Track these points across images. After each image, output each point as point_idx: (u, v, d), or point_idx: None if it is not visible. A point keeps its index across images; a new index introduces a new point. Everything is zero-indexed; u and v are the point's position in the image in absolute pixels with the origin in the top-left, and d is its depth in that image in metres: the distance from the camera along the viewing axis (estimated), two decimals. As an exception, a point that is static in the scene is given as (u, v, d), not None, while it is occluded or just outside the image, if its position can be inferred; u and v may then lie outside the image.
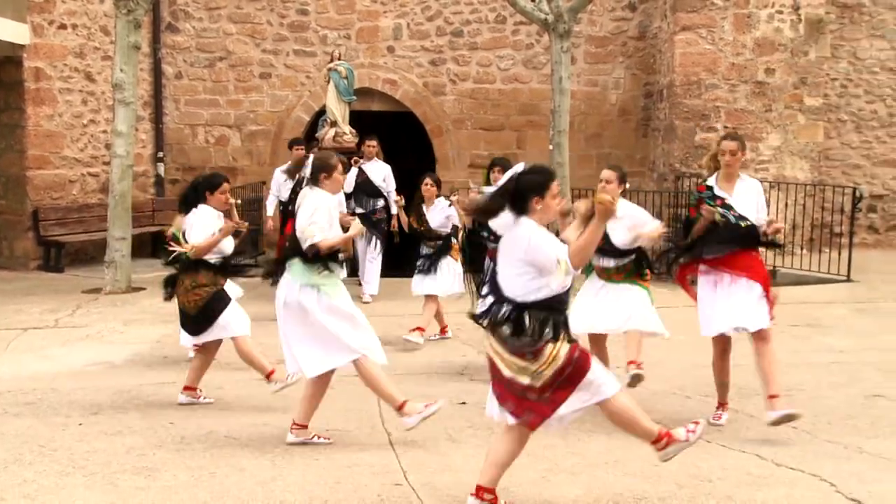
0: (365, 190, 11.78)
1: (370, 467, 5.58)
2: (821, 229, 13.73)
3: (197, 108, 16.70)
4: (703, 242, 6.42)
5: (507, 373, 4.60)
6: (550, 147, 13.19)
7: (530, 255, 4.57)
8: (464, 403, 7.04)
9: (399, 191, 11.43)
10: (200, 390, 7.17)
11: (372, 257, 11.68)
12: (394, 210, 11.79)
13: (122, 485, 5.29)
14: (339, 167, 6.18)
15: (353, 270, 11.33)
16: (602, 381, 4.66)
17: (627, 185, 7.01)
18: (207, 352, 7.15)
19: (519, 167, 4.75)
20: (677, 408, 6.90)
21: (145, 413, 6.81)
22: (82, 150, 15.13)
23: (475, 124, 16.52)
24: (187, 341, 7.41)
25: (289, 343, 6.06)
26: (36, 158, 14.33)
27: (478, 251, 8.17)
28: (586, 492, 5.15)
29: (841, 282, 12.36)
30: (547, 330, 4.54)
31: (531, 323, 4.55)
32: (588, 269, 7.11)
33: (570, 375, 4.57)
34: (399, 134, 16.78)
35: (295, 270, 5.99)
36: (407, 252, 10.10)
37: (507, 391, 4.65)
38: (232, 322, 6.97)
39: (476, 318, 4.79)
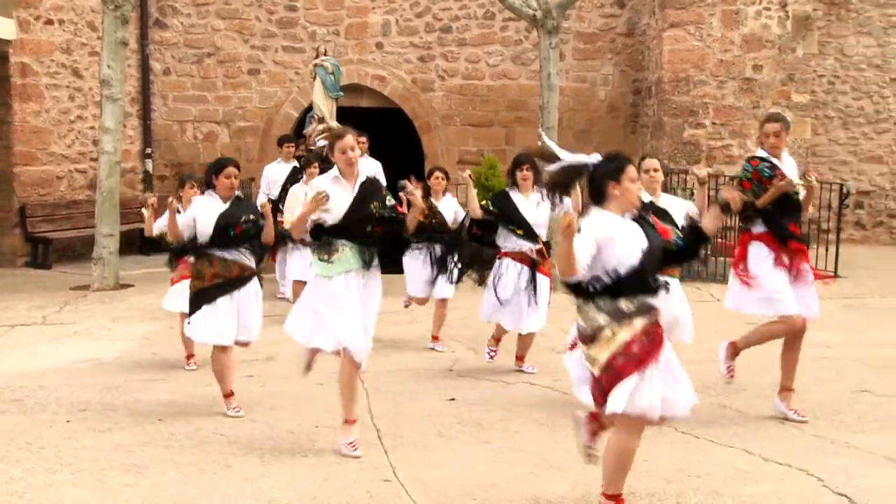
0: None
1: (359, 464, 5.57)
2: (808, 225, 13.72)
3: (185, 104, 16.66)
4: (772, 215, 6.37)
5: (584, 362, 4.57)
6: (539, 143, 13.18)
7: None
8: (452, 400, 7.04)
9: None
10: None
11: None
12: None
13: (110, 482, 5.27)
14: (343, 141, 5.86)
15: None
16: (629, 393, 4.38)
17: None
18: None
19: (594, 157, 4.62)
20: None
21: (133, 410, 6.79)
22: (69, 146, 15.07)
23: (464, 120, 16.52)
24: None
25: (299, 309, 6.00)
26: (23, 154, 14.27)
27: (479, 247, 7.91)
28: (574, 487, 5.15)
29: (828, 278, 12.39)
30: (596, 313, 4.45)
31: (584, 306, 4.51)
32: None
33: (620, 367, 4.39)
34: (388, 130, 16.76)
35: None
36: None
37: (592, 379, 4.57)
38: (196, 328, 6.58)
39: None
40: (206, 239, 6.50)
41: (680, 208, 6.58)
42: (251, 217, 6.59)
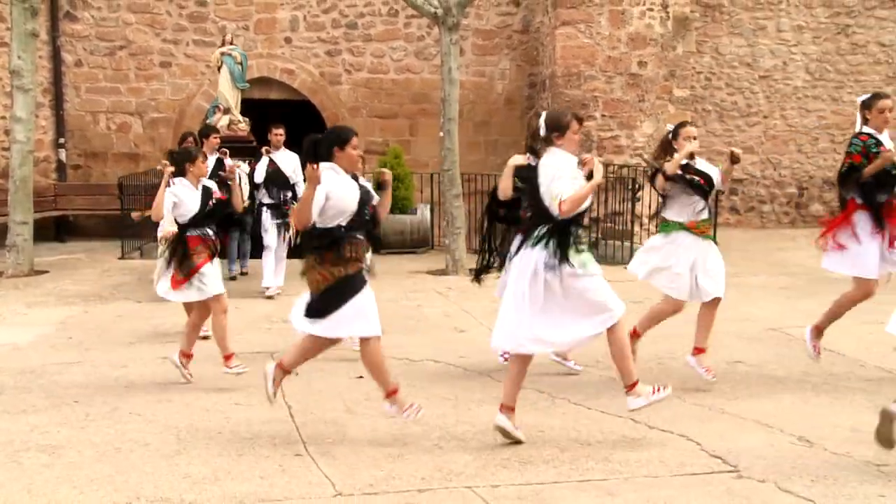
0: (275, 181, 10.88)
1: (271, 440, 5.53)
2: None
3: (98, 95, 16.15)
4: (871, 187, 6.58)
5: None
6: (441, 134, 13.22)
7: None
8: (360, 377, 7.03)
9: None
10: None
11: (282, 250, 10.76)
12: None
13: (25, 463, 5.11)
14: (575, 125, 5.45)
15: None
16: None
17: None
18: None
19: None
20: (560, 375, 7.03)
21: (50, 392, 6.59)
22: (-20, 135, 14.49)
23: (370, 112, 16.44)
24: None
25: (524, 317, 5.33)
26: (-66, 144, 13.68)
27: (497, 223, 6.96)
28: (476, 457, 5.20)
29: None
30: None
31: None
32: (667, 227, 6.79)
33: None
34: (297, 122, 16.56)
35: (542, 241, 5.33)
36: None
37: None
38: (341, 323, 5.47)
39: None
40: (342, 220, 5.36)
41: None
42: (376, 189, 5.66)
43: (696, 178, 6.71)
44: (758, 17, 16.10)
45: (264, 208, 10.88)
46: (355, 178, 5.56)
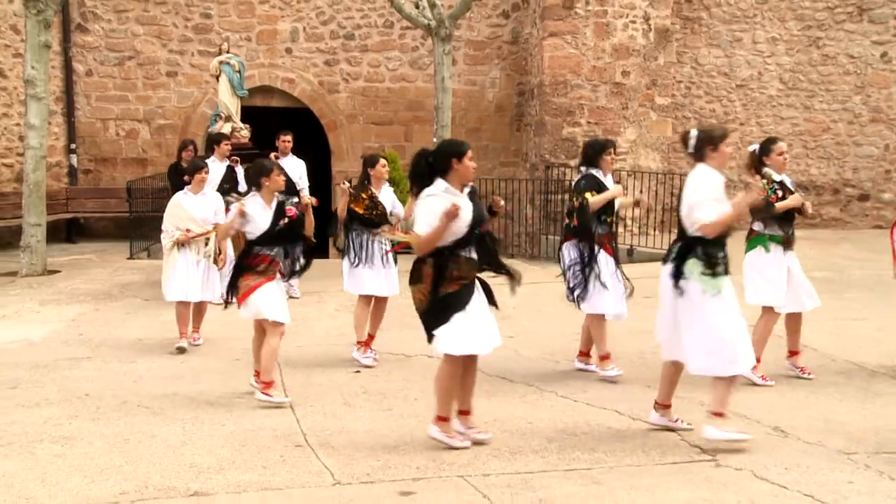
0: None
1: (273, 431, 5.52)
2: (671, 213, 14.11)
3: (107, 103, 16.11)
4: None
5: None
6: (434, 140, 13.22)
7: None
8: (358, 372, 7.04)
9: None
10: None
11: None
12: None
13: (39, 453, 5.10)
14: (727, 139, 5.34)
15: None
16: None
17: None
18: None
19: None
20: (548, 371, 7.04)
21: (62, 386, 6.58)
22: (-4, 141, 14.44)
23: (366, 119, 16.42)
24: None
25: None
26: (-49, 149, 13.62)
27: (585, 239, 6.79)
28: (468, 448, 5.21)
29: (686, 258, 12.70)
30: None
31: None
32: (761, 241, 6.70)
33: None
34: (298, 128, 16.53)
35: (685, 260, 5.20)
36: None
37: None
38: (449, 340, 5.08)
39: None
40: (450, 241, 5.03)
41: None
42: (489, 213, 5.31)
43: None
44: (734, 30, 16.12)
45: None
46: (474, 193, 5.20)
